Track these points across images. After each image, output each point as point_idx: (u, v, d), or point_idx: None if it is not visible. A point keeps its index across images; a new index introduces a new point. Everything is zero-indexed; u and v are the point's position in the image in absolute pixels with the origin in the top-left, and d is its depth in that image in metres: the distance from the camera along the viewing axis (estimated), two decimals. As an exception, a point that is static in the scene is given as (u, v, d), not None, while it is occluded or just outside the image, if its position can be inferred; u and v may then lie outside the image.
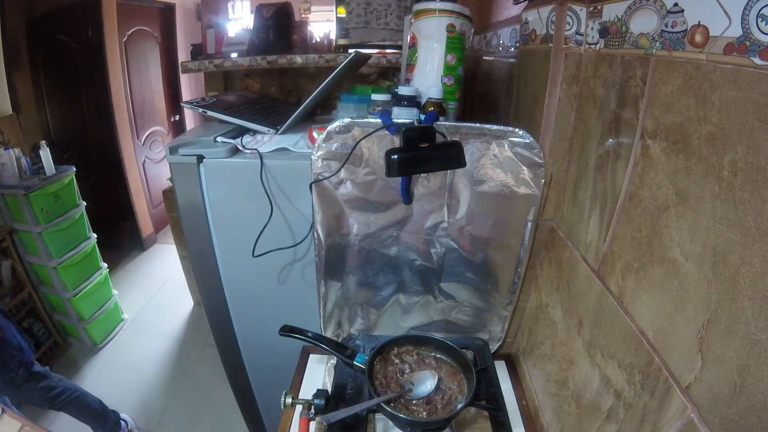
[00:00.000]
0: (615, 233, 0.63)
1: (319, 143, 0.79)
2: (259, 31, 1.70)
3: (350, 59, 1.09)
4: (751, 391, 0.38)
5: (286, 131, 1.06)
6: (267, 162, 0.92)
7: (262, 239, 0.94)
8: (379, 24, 1.60)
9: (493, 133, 0.79)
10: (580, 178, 0.75)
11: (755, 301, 0.38)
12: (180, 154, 0.94)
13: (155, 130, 3.40)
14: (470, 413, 0.83)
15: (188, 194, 0.98)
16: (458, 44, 0.88)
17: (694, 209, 0.46)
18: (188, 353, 2.26)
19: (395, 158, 0.70)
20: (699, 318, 0.45)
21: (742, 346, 0.39)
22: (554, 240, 0.85)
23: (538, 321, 0.90)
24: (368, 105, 0.91)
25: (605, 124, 0.66)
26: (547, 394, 0.83)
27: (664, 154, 0.52)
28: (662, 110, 0.52)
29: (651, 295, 0.54)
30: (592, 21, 0.69)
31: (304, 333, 0.85)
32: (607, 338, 0.63)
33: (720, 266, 0.43)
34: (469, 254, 0.89)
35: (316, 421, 0.77)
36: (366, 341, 0.93)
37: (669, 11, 0.50)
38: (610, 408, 0.60)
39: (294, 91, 1.67)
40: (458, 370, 0.82)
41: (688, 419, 0.45)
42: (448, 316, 0.97)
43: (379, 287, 0.94)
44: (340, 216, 0.86)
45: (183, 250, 2.48)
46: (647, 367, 0.53)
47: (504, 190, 0.82)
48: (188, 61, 1.68)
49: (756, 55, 0.38)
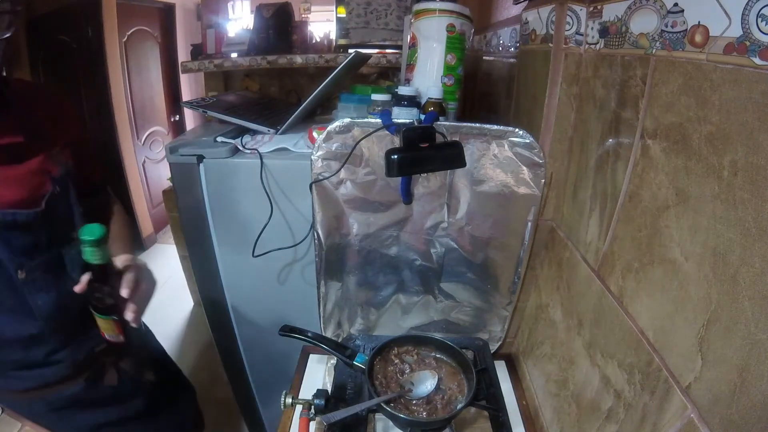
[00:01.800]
0: (615, 233, 0.63)
1: (319, 143, 0.79)
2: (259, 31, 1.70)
3: (350, 59, 1.09)
4: (751, 391, 0.38)
5: (286, 131, 1.06)
6: (267, 162, 0.92)
7: (262, 239, 0.95)
8: (379, 24, 1.60)
9: (493, 133, 0.79)
10: (580, 178, 0.75)
11: (755, 301, 0.38)
12: (180, 154, 0.94)
13: (155, 130, 3.40)
14: (470, 413, 0.83)
15: (188, 194, 0.98)
16: (458, 44, 0.88)
17: (694, 209, 0.46)
18: (188, 353, 2.26)
19: (395, 158, 0.70)
20: (699, 318, 0.45)
21: (742, 346, 0.39)
22: (554, 240, 0.85)
23: (538, 321, 0.90)
24: (368, 105, 0.91)
25: (605, 124, 0.66)
26: (547, 394, 0.83)
27: (664, 154, 0.52)
28: (662, 110, 0.52)
29: (651, 295, 0.54)
30: (592, 21, 0.69)
31: (304, 333, 0.85)
32: (607, 338, 0.63)
33: (720, 266, 0.43)
34: (469, 254, 0.89)
35: (316, 421, 0.77)
36: (366, 341, 0.93)
37: (669, 11, 0.50)
38: (610, 408, 0.60)
39: (294, 91, 1.67)
40: (458, 370, 0.82)
41: (688, 419, 0.45)
42: (448, 316, 0.97)
43: (379, 287, 0.94)
44: (340, 216, 0.86)
45: (183, 250, 2.48)
46: (647, 367, 0.53)
47: (504, 190, 0.82)
48: (188, 61, 1.68)
49: (756, 55, 0.38)
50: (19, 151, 0.69)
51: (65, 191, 0.75)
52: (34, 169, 0.71)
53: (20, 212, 0.68)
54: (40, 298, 0.72)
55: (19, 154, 0.69)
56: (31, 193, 0.70)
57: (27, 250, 0.70)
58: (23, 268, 0.69)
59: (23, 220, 0.68)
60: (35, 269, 0.71)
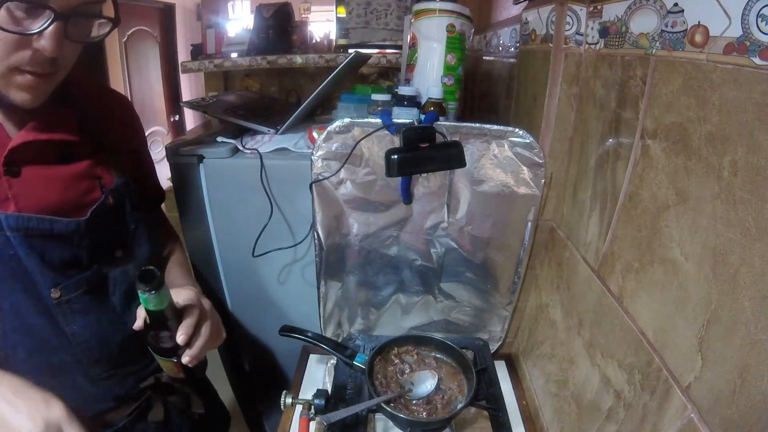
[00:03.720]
0: (615, 233, 0.63)
1: (319, 143, 0.79)
2: (259, 31, 1.70)
3: (350, 59, 1.09)
4: (751, 391, 0.38)
5: (286, 131, 1.06)
6: (267, 162, 0.92)
7: (262, 239, 0.95)
8: (379, 24, 1.60)
9: (493, 133, 0.79)
10: (580, 178, 0.75)
11: (755, 301, 0.38)
12: (180, 154, 0.94)
13: (155, 130, 3.40)
14: (470, 413, 0.83)
15: (188, 194, 0.98)
16: (458, 44, 0.88)
17: (694, 209, 0.46)
18: (188, 353, 2.25)
19: (395, 158, 0.70)
20: (699, 318, 0.45)
21: (742, 346, 0.39)
22: (554, 240, 0.85)
23: (538, 321, 0.90)
24: (368, 105, 0.91)
25: (605, 124, 0.66)
26: (547, 394, 0.83)
27: (664, 154, 0.52)
28: (662, 110, 0.52)
29: (651, 295, 0.54)
30: (592, 21, 0.69)
31: (304, 333, 0.85)
32: (607, 338, 0.63)
33: (720, 266, 0.43)
34: (469, 254, 0.89)
35: (316, 421, 0.77)
36: (366, 341, 0.93)
37: (669, 11, 0.50)
38: (610, 408, 0.61)
39: (294, 91, 1.67)
40: (458, 370, 0.82)
41: (688, 419, 0.45)
42: (448, 316, 0.97)
43: (379, 287, 0.94)
44: (340, 216, 0.86)
45: (183, 250, 2.47)
46: (647, 367, 0.53)
47: (504, 190, 0.82)
48: (188, 61, 1.68)
49: (756, 55, 0.38)
50: (70, 149, 0.62)
51: (120, 203, 0.68)
52: (82, 172, 0.63)
53: (59, 220, 0.59)
54: (77, 323, 0.63)
55: (70, 153, 0.62)
56: (75, 199, 0.63)
57: (64, 265, 0.61)
58: (58, 286, 0.60)
59: (61, 230, 0.60)
60: (72, 289, 0.62)
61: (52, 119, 0.60)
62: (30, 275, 0.58)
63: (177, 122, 3.70)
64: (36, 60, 0.51)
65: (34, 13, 0.48)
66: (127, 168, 0.71)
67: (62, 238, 0.60)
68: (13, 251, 0.56)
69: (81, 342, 0.64)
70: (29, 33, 0.48)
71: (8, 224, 0.55)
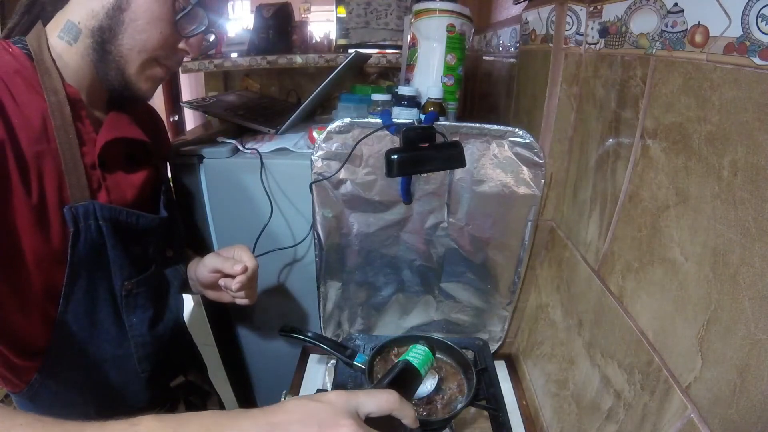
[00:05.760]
0: (615, 233, 0.63)
1: (319, 143, 0.79)
2: (259, 31, 1.69)
3: (350, 59, 1.09)
4: (751, 391, 0.38)
5: (286, 131, 1.06)
6: (267, 162, 0.92)
7: (262, 239, 0.94)
8: (379, 24, 1.60)
9: (493, 133, 0.79)
10: (580, 178, 0.75)
11: (755, 301, 0.38)
12: (180, 154, 0.94)
13: (155, 130, 3.40)
14: (470, 413, 0.83)
15: (188, 194, 0.98)
16: (458, 44, 0.88)
17: (694, 209, 0.46)
18: (188, 353, 2.25)
19: (395, 158, 0.70)
20: (699, 318, 0.45)
21: (742, 346, 0.39)
22: (554, 240, 0.85)
23: (538, 321, 0.90)
24: (368, 105, 0.90)
25: (605, 124, 0.66)
26: (547, 394, 0.83)
27: (664, 154, 0.52)
28: (662, 110, 0.52)
29: (651, 295, 0.54)
30: (592, 21, 0.69)
31: (304, 333, 0.85)
32: (607, 338, 0.63)
33: (720, 266, 0.43)
34: (469, 254, 0.89)
35: (316, 421, 0.77)
36: (366, 341, 0.93)
37: (669, 11, 0.50)
38: (610, 408, 0.60)
39: (294, 91, 1.67)
40: (458, 370, 0.82)
41: (688, 419, 0.45)
42: (448, 316, 0.97)
43: (379, 287, 0.94)
44: (340, 216, 0.86)
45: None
46: (647, 367, 0.53)
47: (504, 190, 0.82)
48: (188, 61, 1.68)
49: (756, 55, 0.38)
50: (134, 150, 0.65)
51: (171, 206, 0.72)
52: (147, 173, 0.67)
53: (144, 215, 0.62)
54: (136, 316, 0.65)
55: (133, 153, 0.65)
56: (144, 198, 0.65)
57: (138, 260, 0.63)
58: (132, 279, 0.62)
59: (145, 224, 0.62)
60: (141, 283, 0.64)
61: (125, 120, 0.63)
62: (109, 266, 0.60)
63: (177, 122, 3.70)
64: (177, 57, 0.58)
65: (195, 18, 0.56)
66: (166, 174, 0.76)
67: (144, 233, 0.63)
68: (102, 240, 0.58)
69: (137, 335, 0.66)
70: (193, 35, 0.56)
71: (102, 214, 0.57)
